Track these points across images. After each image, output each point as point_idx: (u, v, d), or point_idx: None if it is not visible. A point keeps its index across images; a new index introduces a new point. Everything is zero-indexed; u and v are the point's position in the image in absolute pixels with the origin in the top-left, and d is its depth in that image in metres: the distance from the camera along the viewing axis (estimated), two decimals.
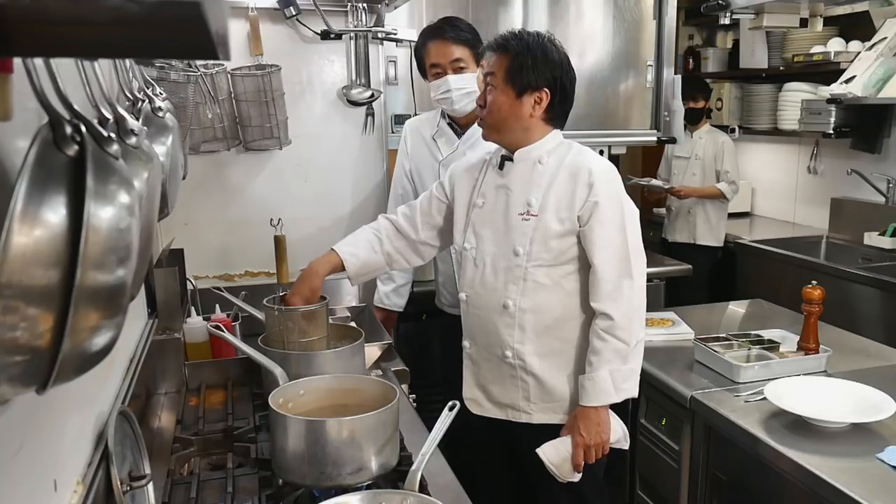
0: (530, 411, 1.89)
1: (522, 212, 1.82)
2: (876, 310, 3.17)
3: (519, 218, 1.82)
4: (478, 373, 1.95)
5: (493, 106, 1.79)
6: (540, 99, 1.78)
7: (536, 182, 1.82)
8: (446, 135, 2.44)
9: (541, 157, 1.82)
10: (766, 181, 4.76)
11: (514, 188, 1.84)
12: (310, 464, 1.38)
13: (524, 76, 1.76)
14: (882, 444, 1.65)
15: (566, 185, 1.79)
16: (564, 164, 1.81)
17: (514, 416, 1.91)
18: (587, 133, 3.17)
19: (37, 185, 0.65)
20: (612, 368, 1.76)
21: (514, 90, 1.77)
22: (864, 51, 3.63)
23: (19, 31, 0.51)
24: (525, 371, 1.86)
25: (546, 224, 1.79)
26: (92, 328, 0.70)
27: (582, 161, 1.81)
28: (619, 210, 1.78)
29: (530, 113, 1.79)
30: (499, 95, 1.78)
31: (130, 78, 1.40)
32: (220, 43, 0.52)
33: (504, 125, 1.81)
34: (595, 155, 1.85)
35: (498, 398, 1.93)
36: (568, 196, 1.78)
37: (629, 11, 3.19)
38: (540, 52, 1.77)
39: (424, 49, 2.36)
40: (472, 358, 1.96)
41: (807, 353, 2.11)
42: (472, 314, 1.94)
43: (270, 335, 1.91)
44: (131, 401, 1.56)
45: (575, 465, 1.80)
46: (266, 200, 2.76)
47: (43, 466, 1.03)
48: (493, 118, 1.81)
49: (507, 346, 1.86)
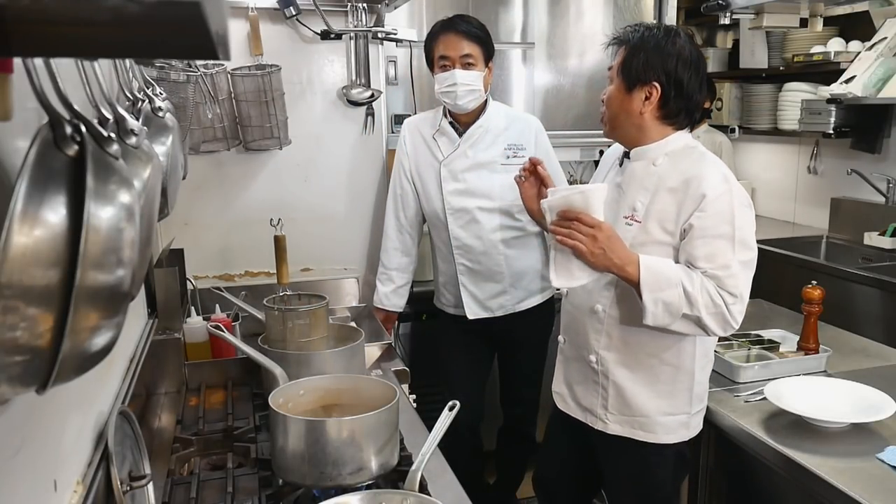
0: (606, 420, 1.82)
1: (628, 215, 1.73)
2: (876, 310, 3.16)
3: (623, 221, 1.73)
4: (567, 370, 1.92)
5: (608, 101, 1.75)
6: (650, 94, 1.67)
7: (646, 185, 1.72)
8: (447, 134, 2.44)
9: (656, 159, 1.72)
10: (765, 181, 4.76)
11: (626, 188, 1.76)
12: (310, 464, 1.38)
13: (634, 69, 1.67)
14: (882, 444, 1.65)
15: (674, 195, 1.67)
16: (679, 170, 1.68)
17: (592, 421, 1.86)
18: (587, 133, 3.18)
19: (37, 185, 0.65)
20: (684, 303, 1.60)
21: (625, 84, 1.70)
22: (864, 51, 3.63)
23: (19, 31, 0.51)
24: (607, 378, 1.80)
25: (648, 233, 1.69)
26: (92, 328, 0.70)
27: (697, 170, 1.66)
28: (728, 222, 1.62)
29: (640, 109, 1.69)
30: (613, 89, 1.72)
31: (130, 78, 1.40)
32: (220, 43, 0.52)
33: (617, 121, 1.74)
34: (716, 162, 1.69)
35: (580, 399, 1.89)
36: (675, 207, 1.66)
37: (629, 11, 3.19)
38: (654, 43, 1.67)
39: (435, 41, 2.35)
40: (564, 354, 1.94)
41: (807, 353, 2.11)
42: (568, 311, 1.91)
43: (270, 335, 1.91)
44: (131, 401, 1.56)
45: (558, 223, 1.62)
46: (266, 200, 2.76)
47: (43, 466, 1.03)
48: (608, 113, 1.75)
49: (593, 350, 1.81)
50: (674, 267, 1.64)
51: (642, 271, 1.61)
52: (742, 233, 1.62)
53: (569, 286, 1.74)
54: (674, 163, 1.70)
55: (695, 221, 1.62)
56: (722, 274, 1.60)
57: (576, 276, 1.64)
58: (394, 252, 2.56)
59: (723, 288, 1.61)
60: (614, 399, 1.80)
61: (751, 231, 1.66)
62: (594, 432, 1.86)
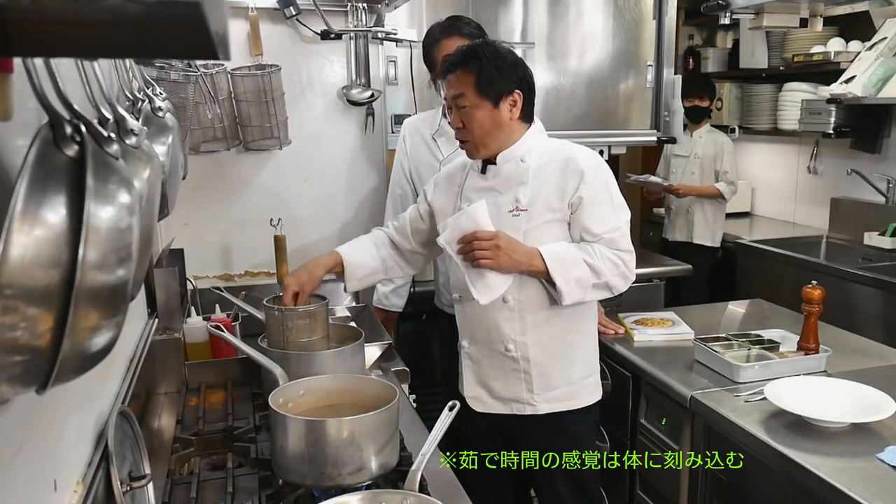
0: (535, 402, 1.90)
1: (511, 208, 1.84)
2: (876, 310, 3.16)
3: (509, 215, 1.83)
4: (478, 371, 1.96)
5: (474, 124, 1.80)
6: (515, 101, 1.81)
7: (521, 179, 1.84)
8: (447, 134, 2.43)
9: (522, 156, 1.85)
10: (765, 181, 4.76)
11: (501, 188, 1.87)
12: (310, 464, 1.38)
13: (495, 85, 1.78)
14: (882, 444, 1.65)
15: (554, 177, 1.82)
16: (548, 156, 1.85)
17: (519, 409, 1.92)
18: (587, 133, 3.18)
19: (37, 184, 0.65)
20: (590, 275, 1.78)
21: (489, 101, 1.79)
22: (864, 51, 3.63)
23: (19, 31, 0.51)
24: (527, 362, 1.88)
25: (535, 217, 1.82)
26: (92, 328, 0.70)
27: (567, 152, 1.85)
28: (606, 190, 1.83)
29: (509, 117, 1.82)
30: (476, 112, 1.79)
31: (130, 78, 1.40)
32: (220, 43, 0.52)
33: (489, 138, 1.82)
34: (573, 144, 1.90)
35: (500, 393, 1.93)
36: (558, 187, 1.81)
37: (629, 11, 3.19)
38: (499, 57, 1.79)
39: (438, 45, 2.33)
40: (471, 356, 1.97)
41: (807, 353, 2.11)
42: (469, 312, 1.95)
43: (270, 335, 1.91)
44: (131, 401, 1.56)
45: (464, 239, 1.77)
46: (266, 200, 2.76)
47: (43, 466, 1.03)
48: (477, 135, 1.82)
49: (509, 339, 1.87)
50: (570, 246, 1.81)
51: (547, 260, 1.77)
52: (618, 197, 1.86)
53: (494, 298, 1.82)
54: (539, 152, 1.86)
55: (583, 193, 1.79)
56: (615, 235, 1.82)
57: (494, 287, 1.79)
58: None
59: (617, 248, 1.81)
60: (538, 379, 1.88)
61: (621, 195, 1.88)
62: (519, 420, 1.92)
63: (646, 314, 2.59)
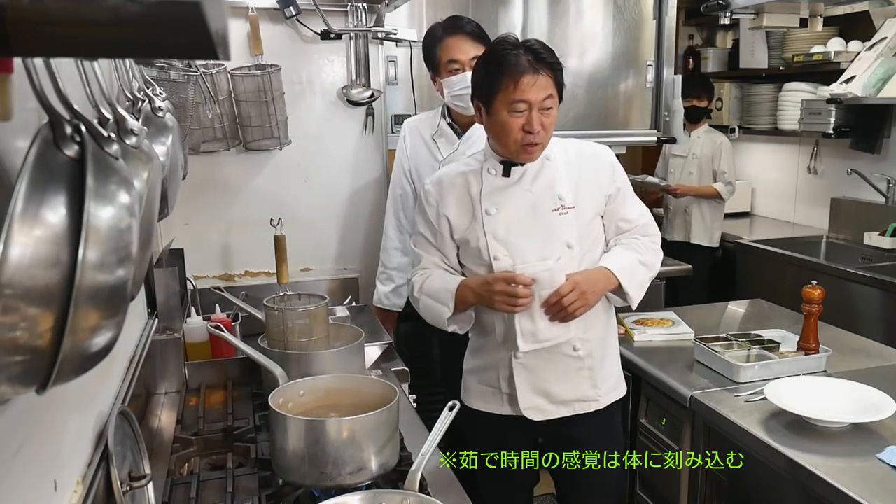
0: (598, 397, 1.88)
1: (555, 207, 1.77)
2: (876, 310, 3.16)
3: (554, 214, 1.77)
4: (536, 379, 1.85)
5: (551, 125, 1.72)
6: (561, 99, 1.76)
7: (555, 176, 1.79)
8: (446, 135, 2.43)
9: (548, 154, 1.80)
10: (765, 181, 4.76)
11: (534, 189, 1.78)
12: (310, 464, 1.38)
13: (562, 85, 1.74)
14: (882, 444, 1.65)
15: (587, 172, 1.82)
16: (567, 153, 1.83)
17: (583, 407, 1.87)
18: (587, 133, 3.17)
19: (37, 185, 0.65)
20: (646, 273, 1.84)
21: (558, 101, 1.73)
22: (864, 51, 3.63)
23: (19, 31, 0.51)
24: (592, 358, 1.86)
25: (583, 213, 1.80)
26: (92, 328, 0.70)
27: (585, 147, 1.88)
28: (626, 183, 1.88)
29: None
30: (554, 112, 1.71)
31: (130, 78, 1.40)
32: (220, 43, 0.52)
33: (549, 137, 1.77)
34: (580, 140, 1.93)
35: (562, 396, 1.86)
36: (595, 182, 1.82)
37: (629, 11, 3.19)
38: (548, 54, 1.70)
39: (441, 44, 2.31)
40: (526, 367, 1.83)
41: (807, 353, 2.11)
42: None
43: (270, 335, 1.91)
44: (131, 401, 1.56)
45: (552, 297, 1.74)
46: (266, 200, 2.76)
47: (43, 466, 1.03)
48: (548, 136, 1.74)
49: (576, 339, 1.82)
50: (624, 252, 1.85)
51: (618, 275, 1.80)
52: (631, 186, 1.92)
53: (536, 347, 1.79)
54: (559, 150, 1.83)
55: (619, 184, 1.85)
56: (647, 220, 1.91)
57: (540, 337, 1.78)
58: (394, 252, 2.56)
59: (649, 232, 1.90)
60: (598, 373, 1.88)
61: None
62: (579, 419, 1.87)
63: (646, 314, 2.59)
